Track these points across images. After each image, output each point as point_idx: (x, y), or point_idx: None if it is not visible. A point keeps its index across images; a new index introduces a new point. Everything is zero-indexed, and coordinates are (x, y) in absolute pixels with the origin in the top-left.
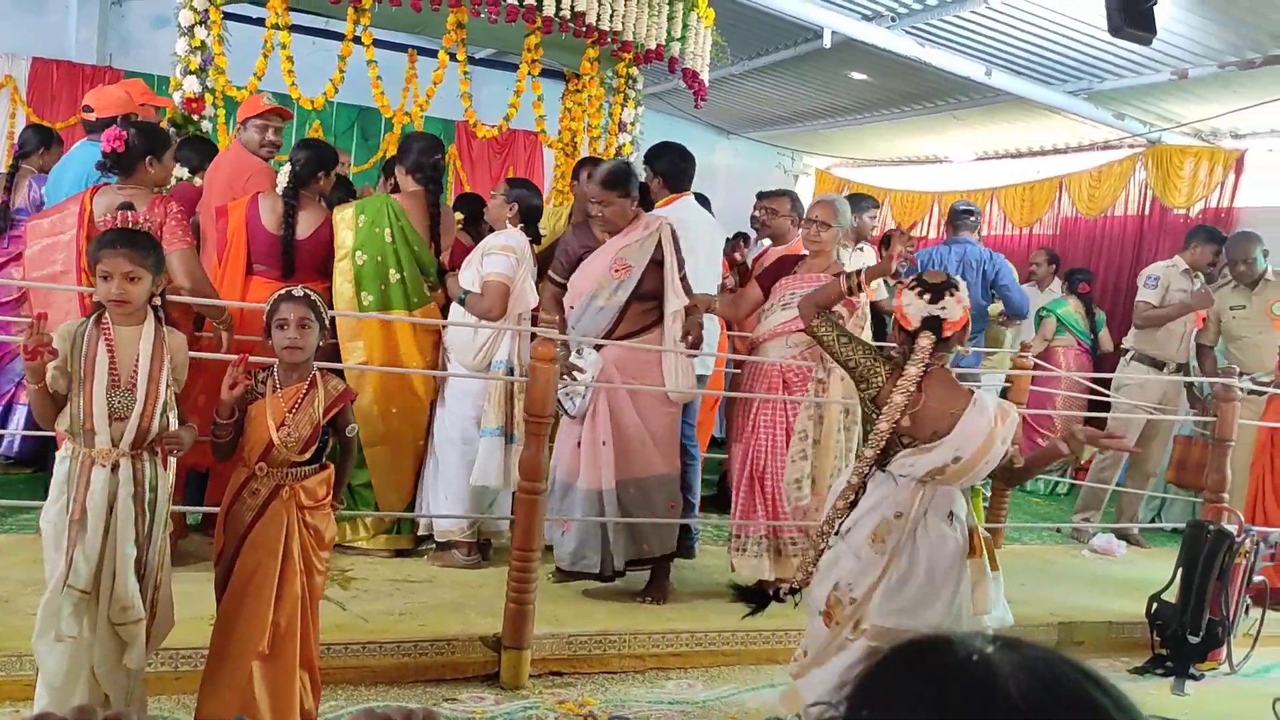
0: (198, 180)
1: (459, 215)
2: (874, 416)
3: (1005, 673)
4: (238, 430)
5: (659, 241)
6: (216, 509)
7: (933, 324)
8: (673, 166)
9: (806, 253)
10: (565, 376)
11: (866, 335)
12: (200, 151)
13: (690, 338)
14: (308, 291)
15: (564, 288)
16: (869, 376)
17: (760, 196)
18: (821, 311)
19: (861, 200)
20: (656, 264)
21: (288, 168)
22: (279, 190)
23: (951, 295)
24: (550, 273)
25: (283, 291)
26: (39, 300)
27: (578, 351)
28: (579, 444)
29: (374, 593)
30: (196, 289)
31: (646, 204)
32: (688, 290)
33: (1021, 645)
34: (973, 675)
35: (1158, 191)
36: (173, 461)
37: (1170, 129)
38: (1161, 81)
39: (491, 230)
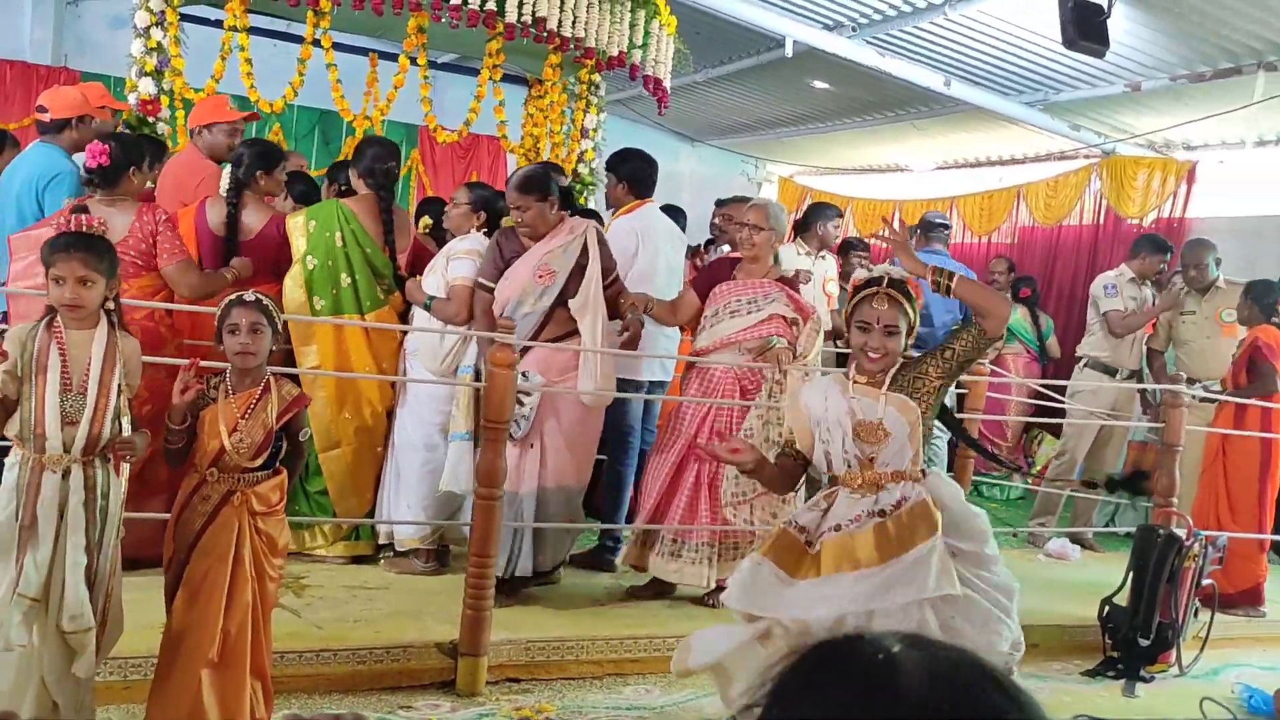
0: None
1: (427, 220)
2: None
3: (908, 671)
4: (190, 436)
5: (584, 245)
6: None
7: None
8: (637, 173)
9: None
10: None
11: (819, 345)
12: (152, 152)
13: (629, 334)
14: (259, 296)
15: (494, 293)
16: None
17: (719, 204)
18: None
19: (826, 209)
20: (582, 268)
21: (229, 168)
22: (222, 191)
23: None
24: (480, 279)
25: (234, 296)
26: (18, 314)
27: (524, 375)
28: None
29: (329, 600)
30: (197, 296)
31: (569, 207)
32: (621, 290)
33: (929, 644)
34: (875, 674)
35: (1112, 201)
36: (125, 468)
37: (1124, 140)
38: (1115, 94)
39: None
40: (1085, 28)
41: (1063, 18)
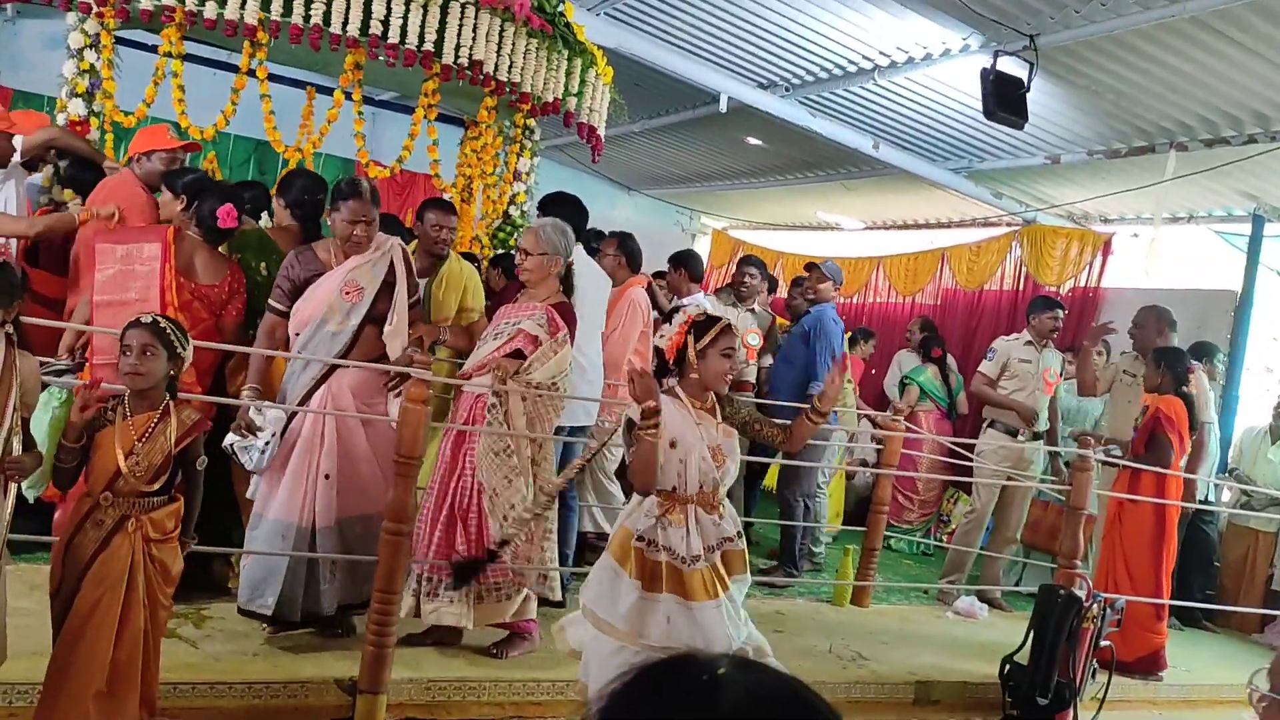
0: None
1: None
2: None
3: (729, 694)
4: (84, 456)
5: (390, 263)
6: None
7: None
8: (566, 218)
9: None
10: (245, 433)
11: (557, 365)
12: (94, 176)
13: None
14: (158, 319)
15: (286, 316)
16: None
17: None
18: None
19: (748, 264)
20: (389, 286)
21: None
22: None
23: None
24: (271, 301)
25: (136, 316)
26: (105, 322)
27: (258, 410)
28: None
29: (229, 632)
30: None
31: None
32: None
33: (757, 668)
34: (698, 696)
35: (1031, 268)
36: (13, 488)
37: (1044, 210)
38: (1036, 165)
39: None
40: (1005, 100)
41: (984, 89)
